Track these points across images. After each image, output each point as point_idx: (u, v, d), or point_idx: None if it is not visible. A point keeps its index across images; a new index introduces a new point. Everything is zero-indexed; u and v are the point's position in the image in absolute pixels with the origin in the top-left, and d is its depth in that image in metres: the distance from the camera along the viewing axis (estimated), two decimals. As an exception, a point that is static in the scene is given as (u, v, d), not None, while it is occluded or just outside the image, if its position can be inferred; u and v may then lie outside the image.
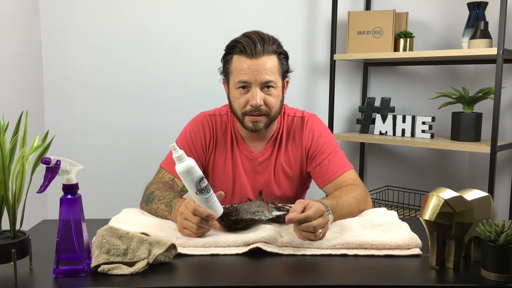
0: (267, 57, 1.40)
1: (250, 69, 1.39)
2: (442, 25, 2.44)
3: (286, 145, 1.55)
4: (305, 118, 1.56)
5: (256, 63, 1.39)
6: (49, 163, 0.95)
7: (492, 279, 0.94)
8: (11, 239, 0.97)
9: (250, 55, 1.39)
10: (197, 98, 2.64)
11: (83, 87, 2.68)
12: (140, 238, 1.02)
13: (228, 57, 1.45)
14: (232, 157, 1.55)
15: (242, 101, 1.43)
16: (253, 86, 1.41)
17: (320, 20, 2.59)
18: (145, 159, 2.65)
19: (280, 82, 1.46)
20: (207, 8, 2.61)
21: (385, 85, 2.61)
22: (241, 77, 1.41)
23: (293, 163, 1.55)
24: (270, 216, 1.22)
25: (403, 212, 2.36)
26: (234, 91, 1.45)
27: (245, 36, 1.42)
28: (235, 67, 1.43)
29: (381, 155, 2.67)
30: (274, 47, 1.42)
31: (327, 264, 1.06)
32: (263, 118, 1.45)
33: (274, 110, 1.45)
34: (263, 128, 1.47)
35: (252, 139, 1.55)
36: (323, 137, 1.53)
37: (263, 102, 1.42)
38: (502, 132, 2.31)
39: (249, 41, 1.40)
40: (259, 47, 1.39)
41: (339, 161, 1.50)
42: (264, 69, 1.39)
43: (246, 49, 1.39)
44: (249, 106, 1.42)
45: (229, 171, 1.55)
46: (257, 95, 1.40)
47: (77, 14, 2.63)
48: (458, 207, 0.99)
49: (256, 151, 1.55)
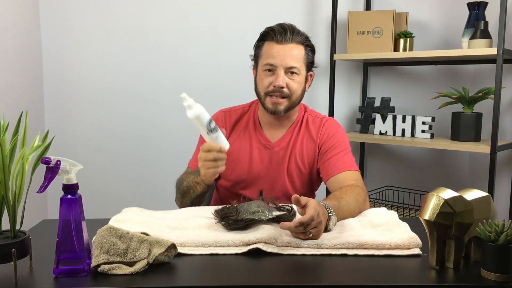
0: (294, 45, 1.53)
1: (278, 53, 1.52)
2: (442, 25, 2.44)
3: (303, 138, 1.62)
4: (324, 119, 1.67)
5: (284, 48, 1.52)
6: (49, 163, 0.95)
7: (492, 279, 0.94)
8: (11, 239, 0.97)
9: (279, 41, 1.52)
10: (197, 98, 2.62)
11: (83, 87, 2.68)
12: (140, 238, 1.02)
13: (260, 43, 1.58)
14: (249, 143, 1.63)
15: (266, 82, 1.54)
16: (278, 69, 1.52)
17: (320, 20, 2.59)
18: (145, 159, 2.65)
19: (304, 71, 1.57)
20: (207, 9, 2.61)
21: (385, 85, 2.61)
22: (268, 60, 1.53)
23: (306, 158, 1.61)
24: (270, 216, 1.22)
25: (403, 212, 2.36)
26: (261, 73, 1.56)
27: (278, 25, 1.56)
28: (265, 51, 1.55)
29: (381, 155, 2.67)
30: (302, 38, 1.55)
31: (327, 264, 1.06)
32: (284, 101, 1.54)
33: (295, 95, 1.55)
34: (283, 111, 1.55)
35: (271, 126, 1.63)
36: (338, 136, 1.61)
37: (286, 85, 1.52)
38: (502, 132, 2.31)
39: (281, 29, 1.53)
40: (289, 35, 1.52)
41: (348, 161, 1.56)
42: (290, 55, 1.52)
43: (277, 35, 1.52)
44: (272, 87, 1.53)
45: (244, 156, 1.61)
46: (280, 76, 1.51)
47: (77, 14, 2.63)
48: (458, 207, 0.99)
49: (273, 140, 1.62)
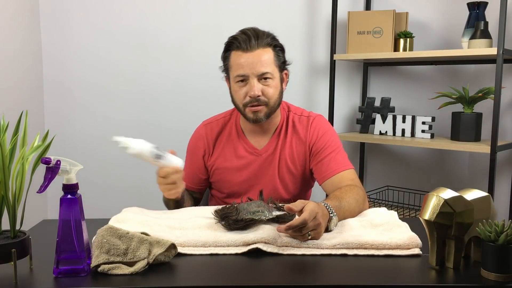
0: (262, 50, 1.47)
1: (246, 62, 1.46)
2: (442, 25, 2.44)
3: (291, 141, 1.58)
4: (311, 117, 1.61)
5: (252, 56, 1.46)
6: (49, 163, 0.95)
7: (492, 279, 0.94)
8: (11, 239, 0.97)
9: (246, 49, 1.47)
10: (198, 98, 2.64)
11: (83, 87, 2.68)
12: (140, 238, 1.02)
13: (226, 54, 1.53)
14: (235, 153, 1.60)
15: (241, 94, 1.50)
16: (251, 78, 1.47)
17: (320, 20, 2.59)
18: (145, 159, 2.65)
19: (278, 73, 1.51)
20: (207, 8, 2.61)
21: (385, 85, 2.61)
22: (238, 71, 1.48)
23: (297, 160, 1.58)
24: (270, 216, 1.22)
25: (403, 212, 2.36)
26: (234, 85, 1.51)
27: (240, 33, 1.50)
28: (233, 62, 1.50)
29: (381, 155, 2.67)
30: (268, 40, 1.49)
31: (327, 264, 1.06)
32: (263, 108, 1.50)
33: (272, 100, 1.50)
34: (264, 118, 1.51)
35: (255, 133, 1.59)
36: (327, 135, 1.57)
37: (261, 93, 1.48)
38: (502, 132, 2.31)
39: (244, 37, 1.47)
40: (254, 41, 1.46)
41: (341, 160, 1.53)
42: (259, 61, 1.46)
43: (242, 44, 1.47)
44: (248, 97, 1.48)
45: (232, 167, 1.59)
46: (254, 86, 1.47)
47: (77, 14, 2.63)
48: (458, 207, 0.99)
49: (259, 147, 1.59)
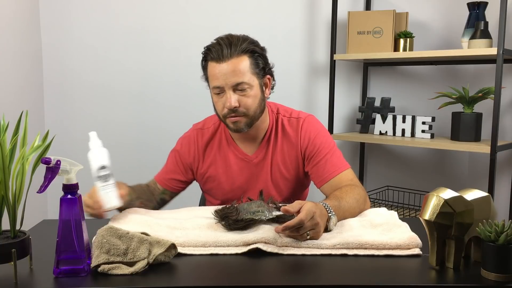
0: (235, 58, 1.40)
1: (220, 73, 1.40)
2: (442, 25, 2.44)
3: (282, 145, 1.55)
4: (300, 119, 1.55)
5: (226, 66, 1.40)
6: (49, 163, 0.95)
7: (492, 279, 0.94)
8: (11, 239, 0.97)
9: (219, 60, 1.40)
10: (197, 98, 2.63)
11: (83, 87, 2.68)
12: (140, 238, 1.02)
13: (204, 64, 1.47)
14: (226, 161, 1.56)
15: (220, 105, 1.45)
16: (226, 89, 1.42)
17: (320, 20, 2.59)
18: (145, 159, 2.65)
19: (256, 81, 1.45)
20: (207, 9, 2.61)
21: (385, 85, 2.61)
22: (213, 83, 1.43)
23: (289, 165, 1.55)
24: (270, 216, 1.22)
25: (403, 212, 2.36)
26: (213, 96, 1.47)
27: (215, 42, 1.45)
28: (209, 73, 1.45)
29: (381, 155, 2.67)
30: (243, 46, 1.41)
31: (327, 264, 1.06)
32: (243, 119, 1.45)
33: (251, 110, 1.44)
34: (245, 128, 1.46)
35: (244, 140, 1.55)
36: (319, 137, 1.53)
37: (238, 104, 1.42)
38: (502, 132, 2.31)
39: (218, 47, 1.41)
40: (226, 51, 1.40)
41: (337, 161, 1.50)
42: (233, 71, 1.40)
43: (215, 54, 1.41)
44: (225, 109, 1.43)
45: (224, 175, 1.56)
46: (230, 98, 1.41)
47: (77, 14, 2.63)
48: (458, 207, 0.99)
49: (250, 153, 1.55)
